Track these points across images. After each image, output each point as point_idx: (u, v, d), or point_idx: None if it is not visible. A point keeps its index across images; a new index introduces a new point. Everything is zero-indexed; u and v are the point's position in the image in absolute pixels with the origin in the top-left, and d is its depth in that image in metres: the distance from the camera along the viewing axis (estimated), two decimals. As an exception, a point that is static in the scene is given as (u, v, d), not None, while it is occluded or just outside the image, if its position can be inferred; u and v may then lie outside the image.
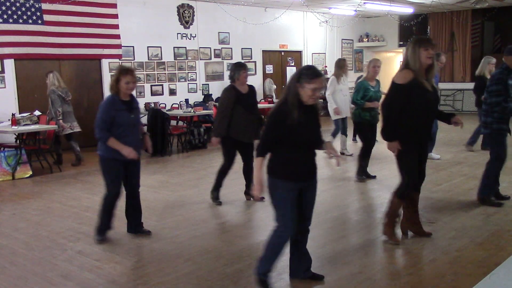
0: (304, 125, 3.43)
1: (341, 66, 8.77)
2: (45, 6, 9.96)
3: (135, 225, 5.09)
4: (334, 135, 9.21)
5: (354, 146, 9.74)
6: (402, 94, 4.25)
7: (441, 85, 16.45)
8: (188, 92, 12.97)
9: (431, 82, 4.37)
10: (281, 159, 3.50)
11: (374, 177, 7.17)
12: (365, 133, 6.99)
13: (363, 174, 7.08)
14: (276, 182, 3.50)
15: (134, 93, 13.19)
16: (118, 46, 11.26)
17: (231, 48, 13.92)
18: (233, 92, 5.76)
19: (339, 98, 8.74)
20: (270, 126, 3.48)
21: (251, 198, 6.03)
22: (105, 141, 4.60)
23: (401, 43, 17.20)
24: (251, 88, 5.98)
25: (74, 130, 8.95)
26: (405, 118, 4.28)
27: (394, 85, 4.34)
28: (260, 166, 3.43)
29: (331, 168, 7.96)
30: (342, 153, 8.98)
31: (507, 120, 5.46)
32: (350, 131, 9.31)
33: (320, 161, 3.79)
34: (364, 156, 7.04)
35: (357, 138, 9.20)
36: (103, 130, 4.59)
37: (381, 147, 6.49)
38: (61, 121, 8.60)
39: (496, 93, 5.34)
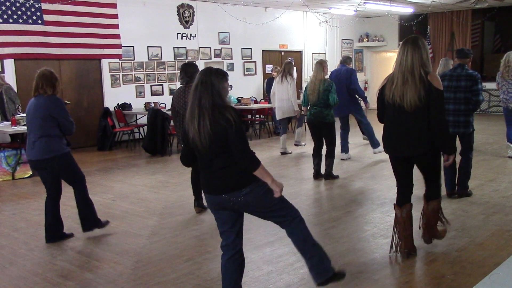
0: None
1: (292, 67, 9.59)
2: (45, 6, 9.96)
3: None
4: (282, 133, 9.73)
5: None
6: None
7: (441, 85, 16.55)
8: (188, 92, 12.95)
9: None
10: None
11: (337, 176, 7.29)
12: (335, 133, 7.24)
13: (332, 174, 7.24)
14: (265, 185, 3.22)
15: (133, 92, 13.01)
16: (118, 46, 11.26)
17: (231, 48, 13.91)
18: None
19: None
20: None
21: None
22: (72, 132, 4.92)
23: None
24: None
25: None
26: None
27: (441, 93, 3.86)
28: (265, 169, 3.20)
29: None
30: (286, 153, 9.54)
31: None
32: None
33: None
34: (333, 155, 7.17)
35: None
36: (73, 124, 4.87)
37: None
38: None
39: None
